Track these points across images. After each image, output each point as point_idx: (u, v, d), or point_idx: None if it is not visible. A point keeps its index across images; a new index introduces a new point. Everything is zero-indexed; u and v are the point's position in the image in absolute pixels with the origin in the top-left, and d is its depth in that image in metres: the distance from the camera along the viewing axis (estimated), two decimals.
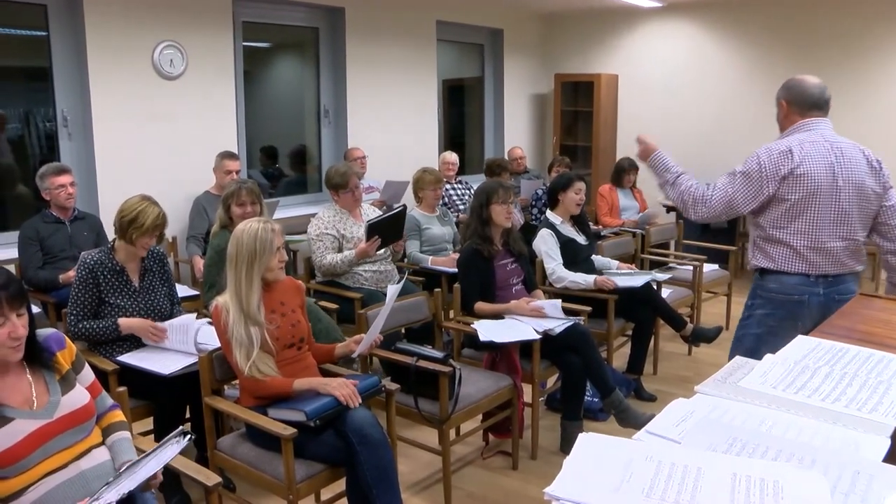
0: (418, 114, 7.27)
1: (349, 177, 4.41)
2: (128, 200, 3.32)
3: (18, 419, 1.98)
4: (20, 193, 5.40)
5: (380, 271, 4.40)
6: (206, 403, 2.84)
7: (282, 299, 2.89)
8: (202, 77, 5.49)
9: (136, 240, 3.24)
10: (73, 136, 5.05)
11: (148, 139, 5.23)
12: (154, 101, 5.25)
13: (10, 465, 1.95)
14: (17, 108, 5.33)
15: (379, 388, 2.84)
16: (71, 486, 2.03)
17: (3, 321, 1.96)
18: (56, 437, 2.04)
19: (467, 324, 3.69)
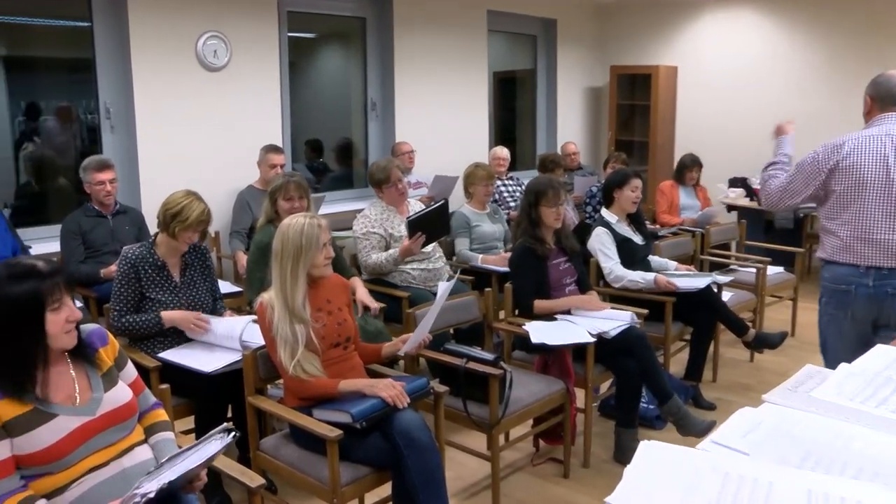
0: (468, 107, 7.26)
1: (391, 171, 4.41)
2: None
3: (62, 415, 2.03)
4: (61, 186, 5.55)
5: (428, 269, 4.40)
6: (250, 403, 2.87)
7: (328, 297, 2.90)
8: (246, 68, 5.56)
9: (179, 234, 3.28)
10: (116, 128, 5.16)
11: (191, 132, 5.32)
12: (197, 92, 5.33)
13: (53, 462, 1.99)
14: (60, 100, 5.47)
15: (427, 390, 2.84)
16: (113, 484, 2.06)
17: (59, 305, 2.02)
18: (98, 435, 2.08)
19: (518, 325, 3.67)
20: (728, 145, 7.93)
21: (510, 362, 3.71)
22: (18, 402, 1.98)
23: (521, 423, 3.35)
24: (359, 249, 4.38)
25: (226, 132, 5.49)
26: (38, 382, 2.03)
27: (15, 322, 1.98)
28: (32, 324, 1.99)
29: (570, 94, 8.50)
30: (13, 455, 1.96)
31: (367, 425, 2.58)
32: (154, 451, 2.23)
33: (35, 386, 2.02)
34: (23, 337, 1.98)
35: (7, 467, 1.95)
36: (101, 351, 2.22)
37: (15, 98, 5.29)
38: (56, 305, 2.01)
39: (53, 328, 2.01)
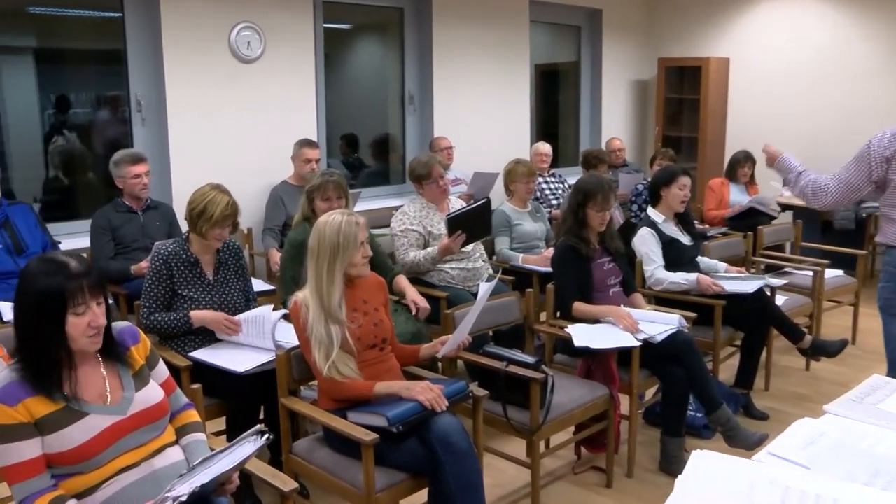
0: (509, 101, 7.24)
1: (433, 166, 4.42)
2: (196, 191, 3.41)
3: (93, 414, 2.06)
4: (90, 181, 5.64)
5: (468, 269, 4.39)
6: (283, 404, 2.89)
7: (364, 297, 2.92)
8: (281, 60, 5.60)
9: (207, 232, 3.32)
10: (147, 121, 5.22)
11: (224, 125, 5.37)
12: (230, 85, 5.38)
13: (84, 461, 2.02)
14: (89, 92, 5.56)
15: (466, 394, 2.83)
16: (143, 485, 2.08)
17: (83, 310, 2.03)
18: (129, 435, 2.11)
19: (561, 327, 3.65)
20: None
21: (552, 366, 3.69)
22: (49, 399, 2.01)
23: (562, 429, 3.34)
24: (396, 247, 4.39)
25: (259, 126, 5.54)
26: (67, 380, 2.06)
27: (37, 318, 2.02)
28: (53, 322, 2.01)
29: (616, 87, 8.42)
30: (44, 454, 1.99)
31: (403, 429, 2.58)
32: (185, 452, 2.25)
33: (63, 384, 2.05)
34: (44, 334, 2.01)
35: (38, 465, 1.99)
36: (133, 349, 2.24)
37: (45, 91, 5.39)
38: (80, 309, 2.02)
39: (74, 331, 2.03)
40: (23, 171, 5.24)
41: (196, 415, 2.40)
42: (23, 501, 1.97)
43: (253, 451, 2.10)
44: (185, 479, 1.94)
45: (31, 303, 2.03)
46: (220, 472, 2.00)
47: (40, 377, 2.02)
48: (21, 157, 5.22)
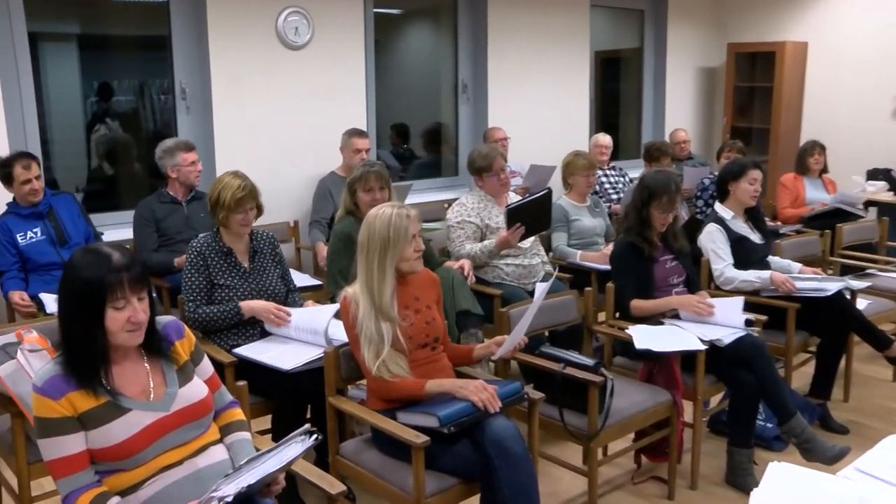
0: (568, 90, 7.19)
1: (494, 158, 4.42)
2: (213, 182, 3.48)
3: (135, 410, 2.09)
4: (133, 171, 5.75)
5: (524, 266, 4.38)
6: (330, 403, 2.92)
7: (416, 294, 2.93)
8: (329, 47, 5.64)
9: (228, 220, 3.39)
10: (192, 109, 5.31)
11: (270, 114, 5.43)
12: (277, 72, 5.44)
13: (126, 458, 2.06)
14: (132, 79, 5.67)
15: (521, 396, 2.82)
16: (186, 484, 2.12)
17: (123, 304, 2.06)
18: (172, 432, 2.14)
19: (621, 328, 3.62)
20: (867, 132, 7.59)
21: (611, 369, 3.66)
22: (92, 394, 2.05)
23: (621, 436, 3.31)
24: (451, 239, 4.41)
25: (307, 115, 5.58)
26: (110, 375, 2.10)
27: (77, 310, 2.06)
28: (93, 315, 2.04)
29: (681, 75, 8.30)
30: (88, 449, 2.04)
31: (455, 431, 2.58)
32: (230, 451, 2.28)
33: (105, 378, 2.09)
34: (85, 327, 2.05)
35: (82, 460, 2.03)
36: (177, 344, 2.28)
37: (88, 78, 5.51)
38: (120, 303, 2.05)
39: (113, 325, 2.06)
40: (65, 161, 5.37)
41: (241, 413, 2.43)
42: (68, 496, 2.02)
43: (301, 452, 2.12)
44: (231, 479, 1.96)
45: (73, 295, 2.07)
46: (267, 473, 2.02)
47: (83, 371, 2.06)
48: (63, 146, 5.34)
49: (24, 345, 2.76)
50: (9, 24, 4.62)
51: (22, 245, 4.16)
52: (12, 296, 4.06)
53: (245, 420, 2.42)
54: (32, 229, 4.20)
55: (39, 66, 4.87)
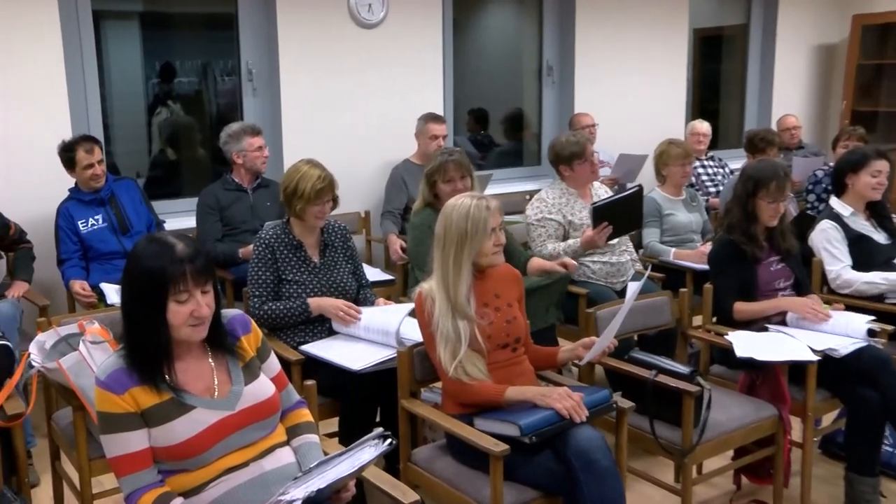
0: (662, 72, 7.10)
1: (585, 145, 4.39)
2: (288, 169, 3.53)
3: (199, 408, 2.14)
4: (196, 156, 5.88)
5: (611, 264, 4.35)
6: (403, 406, 2.94)
7: (496, 290, 2.93)
8: (404, 25, 5.69)
9: (304, 212, 3.44)
10: (258, 91, 5.42)
11: (341, 97, 5.50)
12: (349, 52, 5.51)
13: (190, 458, 2.12)
14: (195, 60, 5.79)
15: (609, 405, 2.80)
16: (252, 488, 2.16)
17: (186, 297, 2.10)
18: (238, 432, 2.19)
19: (720, 334, 3.56)
20: None
21: (708, 378, 3.60)
22: (155, 390, 2.11)
23: (719, 452, 3.26)
24: (532, 238, 4.40)
25: (380, 98, 5.64)
26: (173, 371, 2.16)
27: (139, 302, 2.11)
28: (155, 308, 2.09)
29: (793, 53, 8.08)
30: (150, 447, 2.10)
31: (537, 441, 2.57)
32: (297, 454, 2.32)
33: (168, 374, 2.15)
34: (146, 319, 2.10)
35: (145, 458, 2.09)
36: (243, 339, 2.32)
37: (150, 58, 5.65)
38: (182, 296, 2.09)
39: (175, 319, 2.11)
40: (125, 145, 5.53)
41: (309, 414, 2.47)
42: (131, 495, 2.08)
43: (374, 458, 2.14)
44: (300, 483, 2.00)
45: (134, 286, 2.13)
46: (338, 478, 2.05)
47: (146, 365, 2.12)
48: (123, 130, 5.50)
49: (86, 336, 2.85)
50: (74, 1, 4.77)
51: (83, 232, 4.33)
52: (73, 285, 4.21)
53: (313, 422, 2.46)
54: (94, 216, 4.36)
55: (101, 45, 5.02)
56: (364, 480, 2.38)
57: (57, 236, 4.34)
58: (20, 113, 4.53)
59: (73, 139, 4.34)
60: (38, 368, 2.90)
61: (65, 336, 2.94)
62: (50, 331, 2.97)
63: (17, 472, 2.68)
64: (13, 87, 4.51)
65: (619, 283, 4.35)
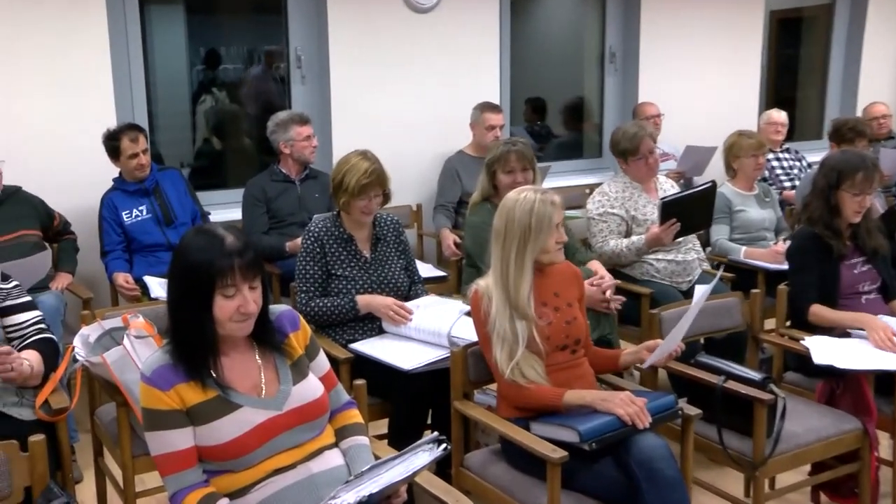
0: (734, 58, 7.01)
1: (641, 139, 4.36)
2: (339, 160, 3.56)
3: (246, 407, 2.18)
4: (242, 146, 5.95)
5: (677, 262, 4.32)
6: (456, 409, 2.96)
7: (557, 289, 2.93)
8: (460, 10, 5.70)
9: (349, 206, 3.46)
10: (307, 79, 5.47)
11: (393, 85, 5.53)
12: (402, 38, 5.54)
13: (236, 458, 2.15)
14: (241, 45, 5.86)
15: (674, 411, 2.79)
16: (299, 491, 2.19)
17: (233, 292, 2.14)
18: (285, 433, 2.22)
19: (795, 338, 3.52)
20: None
21: (781, 386, 3.54)
22: (201, 387, 2.15)
23: (794, 466, 3.21)
24: (593, 233, 4.39)
25: (433, 86, 5.66)
26: (220, 368, 2.19)
27: (186, 296, 2.15)
28: (200, 301, 2.13)
29: (884, 35, 7.86)
30: (196, 446, 2.14)
31: (597, 447, 2.57)
32: (346, 457, 2.35)
33: (214, 371, 2.18)
34: (192, 313, 2.14)
35: (190, 457, 2.14)
36: (292, 336, 2.35)
37: (194, 44, 5.73)
38: (229, 291, 2.13)
39: (221, 314, 2.14)
40: (169, 134, 5.63)
41: (359, 415, 2.49)
42: (175, 495, 2.13)
43: (428, 463, 2.15)
44: (352, 487, 2.02)
45: (181, 278, 2.17)
46: (391, 483, 2.07)
47: (193, 362, 2.16)
48: (167, 119, 5.60)
49: (131, 330, 2.91)
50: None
51: (127, 224, 4.41)
52: (116, 278, 4.29)
53: (363, 424, 2.48)
54: (138, 207, 4.44)
55: (145, 30, 5.10)
56: (414, 485, 2.39)
57: (100, 227, 4.44)
58: (65, 101, 4.62)
59: (117, 127, 4.42)
60: (83, 363, 2.97)
61: (109, 330, 3.00)
62: (94, 324, 3.04)
63: (62, 468, 2.74)
64: (58, 75, 4.60)
65: (685, 282, 4.31)
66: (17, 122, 4.51)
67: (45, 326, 3.01)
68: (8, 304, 2.95)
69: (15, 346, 2.85)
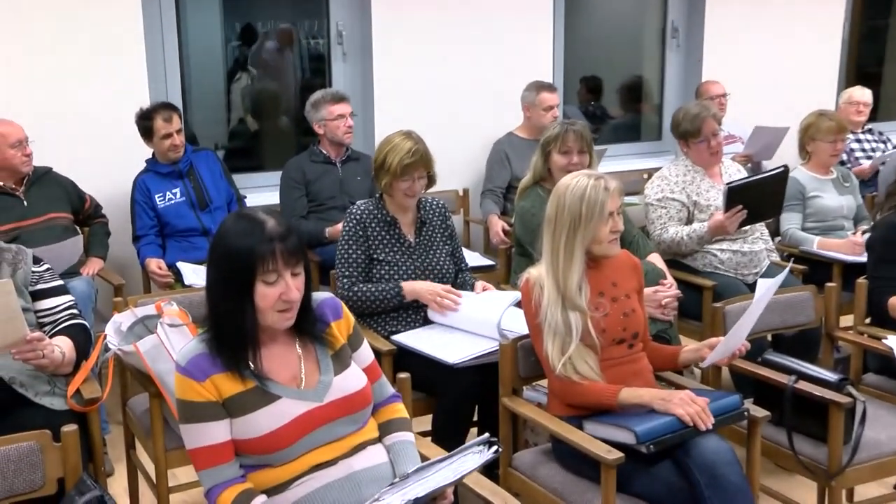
0: (810, 31, 6.91)
1: (703, 121, 4.32)
2: (382, 140, 3.58)
3: (285, 398, 2.21)
4: (279, 126, 5.98)
5: (743, 252, 4.29)
6: (505, 405, 2.96)
7: (614, 279, 2.93)
8: None
9: (391, 187, 3.49)
10: (349, 56, 5.49)
11: (439, 62, 5.54)
12: (449, 12, 5.53)
13: (274, 452, 2.18)
14: (278, 20, 5.87)
15: (740, 412, 2.77)
16: (340, 488, 2.22)
17: (275, 278, 2.16)
18: (325, 426, 2.24)
19: (876, 337, 3.48)
20: None
21: (860, 388, 3.49)
22: (239, 377, 2.18)
23: (876, 478, 3.17)
24: (651, 220, 4.37)
25: (482, 64, 5.65)
26: (258, 357, 2.22)
27: (225, 283, 2.18)
28: (241, 288, 2.15)
29: None
30: (232, 439, 2.17)
31: (655, 450, 2.56)
32: (390, 453, 2.37)
33: (252, 361, 2.21)
34: (233, 301, 2.16)
35: (227, 451, 2.17)
36: (334, 325, 2.37)
37: (229, 19, 5.75)
38: (271, 277, 2.15)
39: (263, 302, 2.16)
40: (203, 114, 5.69)
41: (403, 409, 2.51)
42: (211, 490, 2.16)
43: (477, 466, 2.16)
44: (397, 489, 2.05)
45: (221, 265, 2.20)
46: (437, 487, 2.09)
47: (230, 351, 2.18)
48: (201, 97, 5.65)
49: (164, 319, 2.96)
50: None
51: (160, 207, 4.48)
52: (149, 263, 4.36)
53: (408, 419, 2.50)
54: (172, 190, 4.50)
55: (179, 4, 5.15)
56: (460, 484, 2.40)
57: (133, 211, 4.51)
58: (96, 79, 4.68)
59: (151, 106, 4.48)
60: (115, 351, 3.03)
61: (142, 318, 3.06)
62: (126, 311, 3.09)
63: (93, 460, 2.78)
64: (89, 53, 4.65)
65: (752, 274, 4.27)
66: (47, 101, 4.56)
67: (78, 312, 3.06)
68: (41, 287, 3.00)
69: (47, 332, 2.90)
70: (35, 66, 4.55)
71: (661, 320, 3.76)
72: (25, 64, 4.53)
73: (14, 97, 4.46)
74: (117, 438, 3.68)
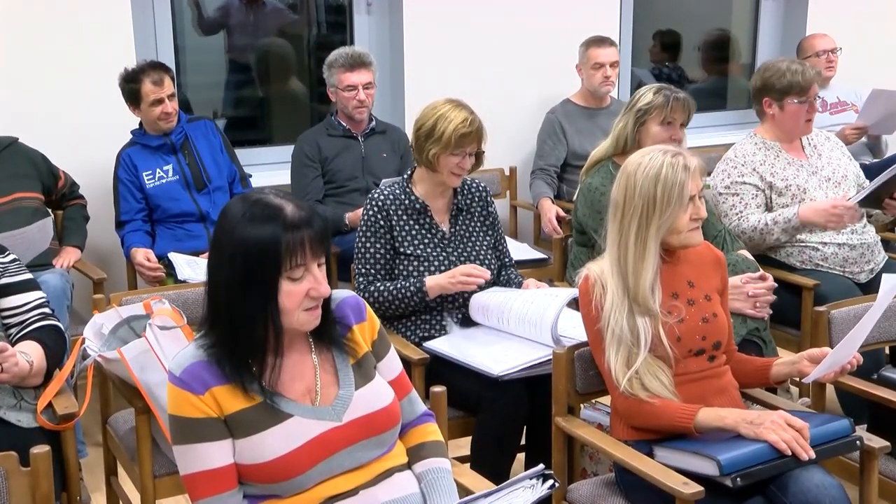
0: None
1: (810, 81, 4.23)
2: (426, 106, 3.57)
3: (297, 416, 2.21)
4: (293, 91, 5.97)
5: (851, 246, 4.25)
6: (558, 426, 2.96)
7: (691, 277, 2.92)
8: None
9: (437, 161, 3.47)
10: (374, 7, 5.51)
11: (482, 16, 5.53)
12: None
13: (284, 480, 2.18)
14: None
15: (850, 441, 2.74)
16: None
17: (301, 273, 2.15)
18: (345, 450, 2.25)
19: None
20: None
21: None
22: (243, 391, 2.17)
23: None
24: (724, 212, 4.29)
25: (533, 18, 5.65)
26: (269, 368, 2.21)
27: (240, 280, 2.14)
28: (261, 288, 2.13)
29: None
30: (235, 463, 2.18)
31: (742, 484, 2.55)
32: (421, 482, 2.37)
33: (264, 372, 2.20)
34: (250, 304, 2.14)
35: (229, 477, 2.17)
36: (356, 329, 2.38)
37: None
38: (298, 272, 2.14)
39: (289, 302, 2.15)
40: (198, 77, 5.72)
41: (437, 431, 2.52)
42: None
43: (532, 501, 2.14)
44: None
45: (233, 259, 2.15)
46: None
47: (237, 361, 2.17)
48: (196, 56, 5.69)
49: (154, 320, 2.97)
50: None
51: (149, 188, 4.49)
52: (135, 254, 4.36)
53: (443, 442, 2.51)
54: (163, 167, 4.51)
55: None
56: None
57: (116, 191, 4.51)
58: (73, 34, 4.67)
59: (137, 67, 4.46)
60: (94, 358, 3.02)
61: (127, 318, 3.07)
62: (109, 311, 3.11)
63: (67, 489, 2.79)
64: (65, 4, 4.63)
65: (864, 272, 4.25)
66: (13, 59, 4.57)
67: (50, 311, 3.07)
68: (5, 281, 3.00)
69: (12, 335, 2.93)
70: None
71: (753, 317, 3.74)
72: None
73: None
74: (96, 462, 3.70)
